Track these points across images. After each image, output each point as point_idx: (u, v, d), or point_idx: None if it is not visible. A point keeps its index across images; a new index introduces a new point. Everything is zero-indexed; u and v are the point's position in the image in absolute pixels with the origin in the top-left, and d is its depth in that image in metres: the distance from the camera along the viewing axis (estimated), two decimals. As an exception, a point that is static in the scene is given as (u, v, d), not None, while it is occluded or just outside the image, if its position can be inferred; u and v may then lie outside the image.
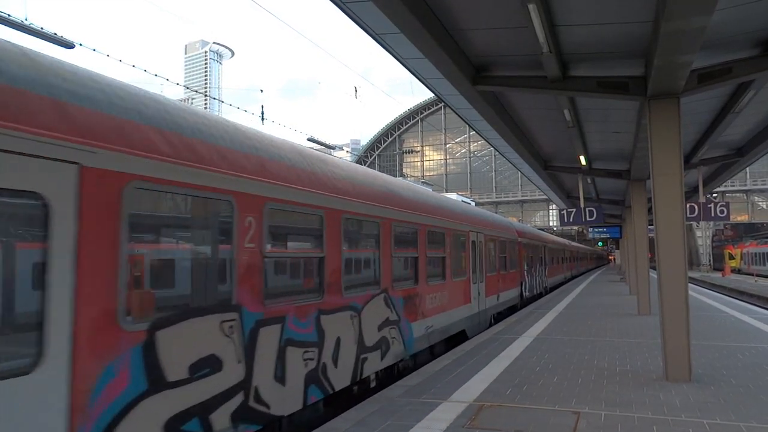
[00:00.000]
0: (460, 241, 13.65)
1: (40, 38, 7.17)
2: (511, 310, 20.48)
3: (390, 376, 9.66)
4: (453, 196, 22.58)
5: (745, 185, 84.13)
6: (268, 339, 5.98)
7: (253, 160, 5.97)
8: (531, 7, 7.03)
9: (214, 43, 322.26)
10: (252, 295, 5.72)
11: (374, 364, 8.57)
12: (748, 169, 69.28)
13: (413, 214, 10.41)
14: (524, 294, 22.69)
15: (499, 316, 18.23)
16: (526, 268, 23.42)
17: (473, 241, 14.82)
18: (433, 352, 11.94)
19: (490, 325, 16.54)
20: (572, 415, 6.83)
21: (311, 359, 6.74)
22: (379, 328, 8.78)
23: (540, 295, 27.29)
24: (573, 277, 49.02)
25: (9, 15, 6.97)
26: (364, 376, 8.17)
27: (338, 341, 7.43)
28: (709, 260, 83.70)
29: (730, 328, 14.55)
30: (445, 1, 7.64)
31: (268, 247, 6.13)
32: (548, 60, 8.94)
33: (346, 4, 7.03)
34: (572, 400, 7.51)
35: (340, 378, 7.43)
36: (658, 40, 7.25)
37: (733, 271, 65.76)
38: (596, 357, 10.61)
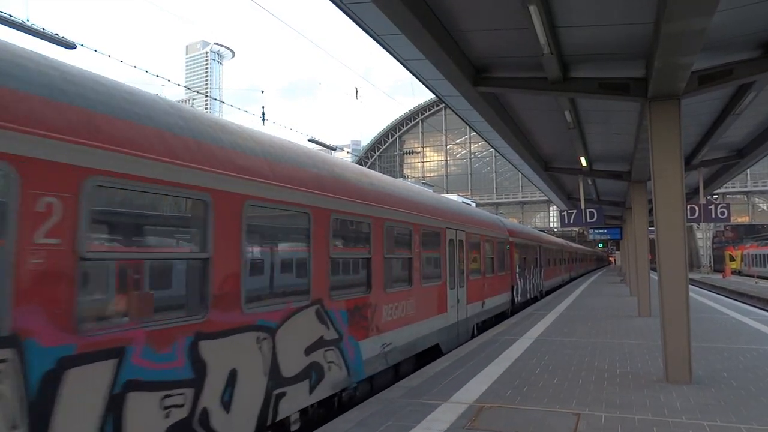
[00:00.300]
0: (432, 240, 11.78)
1: (41, 39, 7.17)
2: (501, 317, 18.64)
3: (330, 411, 7.76)
4: (453, 197, 21.91)
5: (746, 187, 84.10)
6: (85, 385, 4.00)
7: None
8: (532, 8, 7.03)
9: (214, 43, 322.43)
10: (49, 319, 3.82)
11: (298, 400, 6.57)
12: (748, 170, 69.23)
13: (364, 205, 8.46)
14: (516, 299, 20.99)
15: (485, 325, 16.43)
16: (518, 270, 21.75)
17: (451, 240, 12.99)
18: (397, 374, 10.14)
19: (473, 336, 14.72)
20: (572, 417, 6.83)
21: (179, 406, 4.79)
22: (308, 352, 6.81)
23: (535, 300, 25.66)
24: (572, 280, 47.13)
25: (11, 15, 6.97)
26: (280, 417, 6.21)
27: (233, 375, 5.44)
28: (710, 262, 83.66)
29: (730, 330, 14.54)
30: (445, 2, 7.64)
31: (93, 243, 4.31)
32: (549, 61, 8.94)
33: (347, 5, 7.04)
34: (572, 402, 7.51)
35: (236, 426, 5.46)
36: (659, 41, 7.26)
37: (734, 272, 65.70)
38: (596, 358, 10.61)
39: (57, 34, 8.01)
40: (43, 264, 3.79)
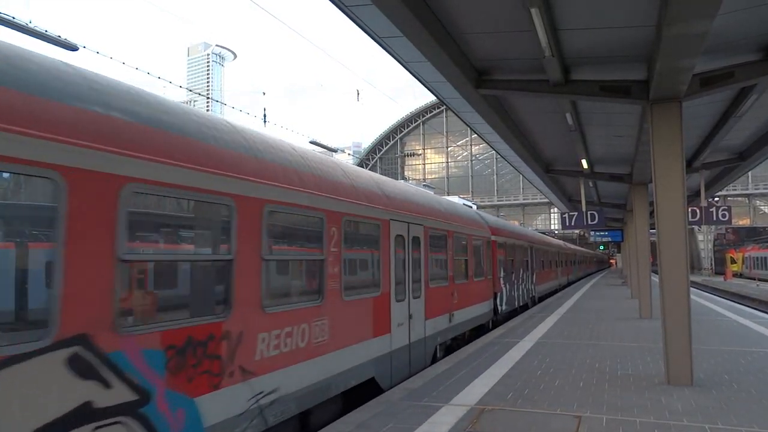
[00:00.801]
0: (366, 235, 8.88)
1: (44, 41, 7.19)
2: (480, 330, 15.92)
3: None
4: (455, 198, 21.89)
5: (747, 189, 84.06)
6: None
7: None
8: (533, 11, 7.05)
9: (216, 45, 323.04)
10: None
11: None
12: (750, 173, 69.26)
13: (215, 177, 5.36)
14: (500, 308, 18.16)
15: (459, 343, 13.89)
16: (503, 274, 18.76)
17: (399, 236, 9.90)
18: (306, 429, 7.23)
19: (434, 361, 11.65)
20: (574, 419, 6.83)
21: None
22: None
23: (525, 307, 23.14)
24: (569, 284, 44.30)
25: (14, 17, 6.99)
26: None
27: None
28: (711, 264, 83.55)
29: (732, 332, 14.53)
30: (447, 4, 7.66)
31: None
32: (550, 64, 8.96)
33: (349, 8, 7.06)
34: (574, 404, 7.51)
35: None
36: (660, 44, 7.27)
37: (735, 275, 65.63)
38: (598, 360, 10.60)
39: (59, 36, 8.02)
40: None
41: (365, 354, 8.36)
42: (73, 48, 7.93)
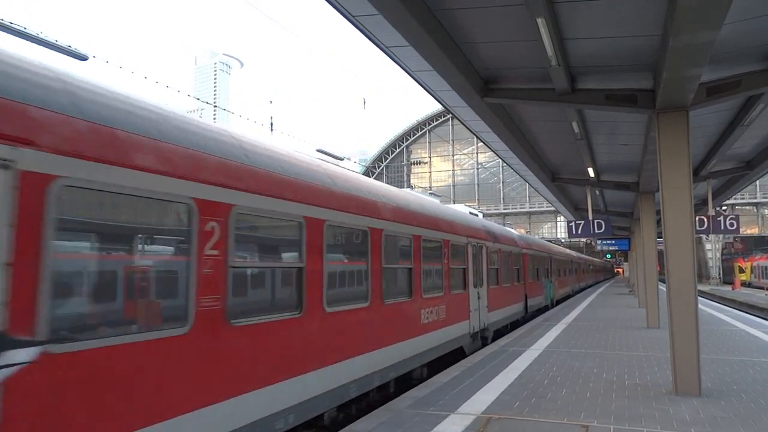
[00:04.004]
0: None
1: (54, 50, 7.27)
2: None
3: None
4: (460, 207, 21.76)
5: (755, 198, 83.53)
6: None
7: None
8: (540, 20, 7.09)
9: (223, 54, 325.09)
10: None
11: None
12: (758, 181, 68.86)
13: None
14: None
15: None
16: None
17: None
18: None
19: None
20: (581, 429, 6.80)
21: None
22: None
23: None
24: (568, 297, 37.32)
25: (25, 28, 7.08)
26: None
27: None
28: (719, 273, 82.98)
29: (740, 342, 14.43)
30: (453, 14, 7.71)
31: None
32: (557, 73, 8.98)
33: (356, 18, 7.12)
34: (581, 414, 7.48)
35: None
36: (667, 53, 7.28)
37: (743, 284, 65.15)
38: (605, 370, 10.55)
39: (70, 46, 8.10)
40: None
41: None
42: (83, 58, 8.00)
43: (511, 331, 17.76)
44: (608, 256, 74.22)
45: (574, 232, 18.83)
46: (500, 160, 17.40)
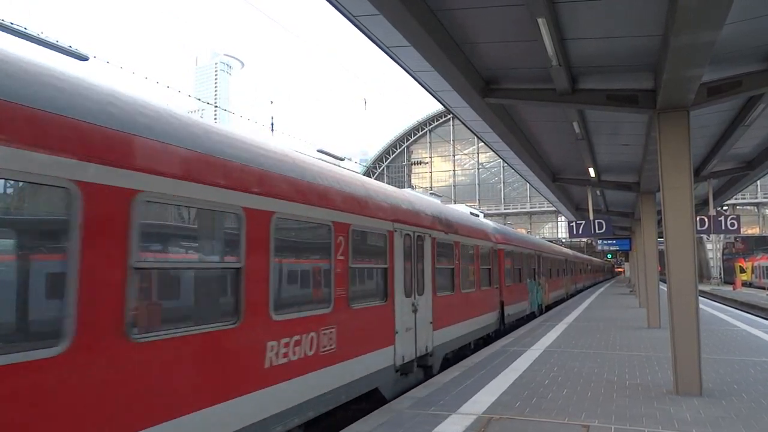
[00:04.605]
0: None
1: (55, 51, 7.27)
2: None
3: None
4: (461, 207, 21.16)
5: (756, 198, 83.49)
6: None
7: None
8: (540, 20, 7.09)
9: (224, 54, 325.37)
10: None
11: None
12: (759, 181, 68.79)
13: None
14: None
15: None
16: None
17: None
18: None
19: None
20: (581, 429, 6.79)
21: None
22: None
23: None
24: (562, 300, 33.37)
25: (25, 28, 7.08)
26: None
27: None
28: (720, 273, 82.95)
29: (741, 342, 14.42)
30: (454, 14, 7.71)
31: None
32: (557, 73, 8.98)
33: (356, 17, 7.12)
34: (581, 414, 7.47)
35: None
36: (668, 54, 7.28)
37: (744, 284, 65.11)
38: (606, 370, 10.55)
39: (70, 47, 8.10)
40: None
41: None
42: (83, 58, 8.00)
43: (483, 347, 14.11)
44: (609, 256, 74.11)
45: (575, 232, 18.83)
46: (501, 160, 17.37)
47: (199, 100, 18.04)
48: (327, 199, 7.37)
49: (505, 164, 17.82)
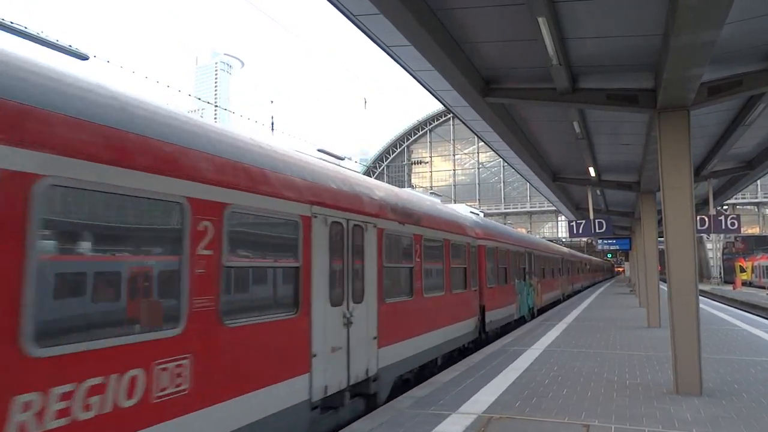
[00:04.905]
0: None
1: (55, 50, 7.27)
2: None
3: None
4: (461, 207, 20.81)
5: (756, 197, 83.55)
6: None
7: None
8: (541, 20, 7.08)
9: (224, 54, 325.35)
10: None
11: None
12: (759, 181, 68.77)
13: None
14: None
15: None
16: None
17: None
18: None
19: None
20: (582, 428, 6.79)
21: None
22: None
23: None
24: (558, 302, 31.16)
25: (25, 27, 7.08)
26: None
27: None
28: (720, 273, 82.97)
29: (741, 341, 14.42)
30: (454, 14, 7.71)
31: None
32: (558, 72, 8.98)
33: (357, 17, 7.12)
34: (582, 413, 7.47)
35: None
36: (668, 53, 7.28)
37: (744, 284, 65.12)
38: (606, 369, 10.55)
39: (70, 46, 8.09)
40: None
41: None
42: (83, 57, 7.99)
43: (458, 361, 12.01)
44: (609, 255, 74.16)
45: (575, 232, 18.84)
46: (501, 159, 17.35)
47: (199, 99, 18.04)
48: (174, 163, 4.95)
49: (506, 164, 17.79)
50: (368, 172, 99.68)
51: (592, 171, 17.19)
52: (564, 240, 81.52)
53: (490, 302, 15.41)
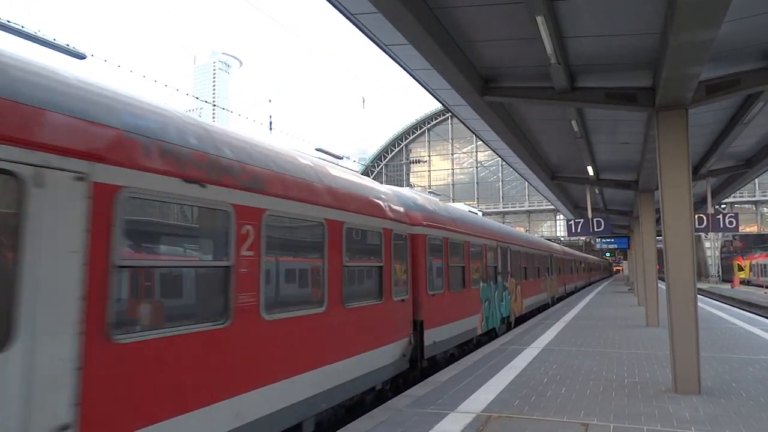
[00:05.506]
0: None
1: (52, 49, 7.25)
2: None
3: None
4: (460, 205, 20.47)
5: (754, 196, 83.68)
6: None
7: None
8: (539, 19, 7.08)
9: (222, 53, 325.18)
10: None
11: None
12: (757, 180, 68.86)
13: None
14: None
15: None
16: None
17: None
18: None
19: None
20: (581, 427, 6.79)
21: None
22: None
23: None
24: (546, 306, 27.24)
25: (23, 26, 7.05)
26: None
27: None
28: (718, 272, 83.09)
29: (739, 340, 14.43)
30: (453, 13, 7.70)
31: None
32: (556, 71, 8.97)
33: (355, 16, 7.11)
34: (580, 412, 7.47)
35: None
36: (666, 52, 7.28)
37: (742, 282, 65.23)
38: (604, 368, 10.55)
39: (68, 45, 8.07)
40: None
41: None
42: (81, 57, 7.97)
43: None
44: (608, 254, 74.19)
45: (573, 231, 18.85)
46: (500, 158, 17.35)
47: (197, 98, 18.01)
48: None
49: (504, 163, 17.78)
50: (367, 171, 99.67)
51: (590, 170, 17.20)
52: (562, 239, 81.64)
53: (432, 316, 11.13)
